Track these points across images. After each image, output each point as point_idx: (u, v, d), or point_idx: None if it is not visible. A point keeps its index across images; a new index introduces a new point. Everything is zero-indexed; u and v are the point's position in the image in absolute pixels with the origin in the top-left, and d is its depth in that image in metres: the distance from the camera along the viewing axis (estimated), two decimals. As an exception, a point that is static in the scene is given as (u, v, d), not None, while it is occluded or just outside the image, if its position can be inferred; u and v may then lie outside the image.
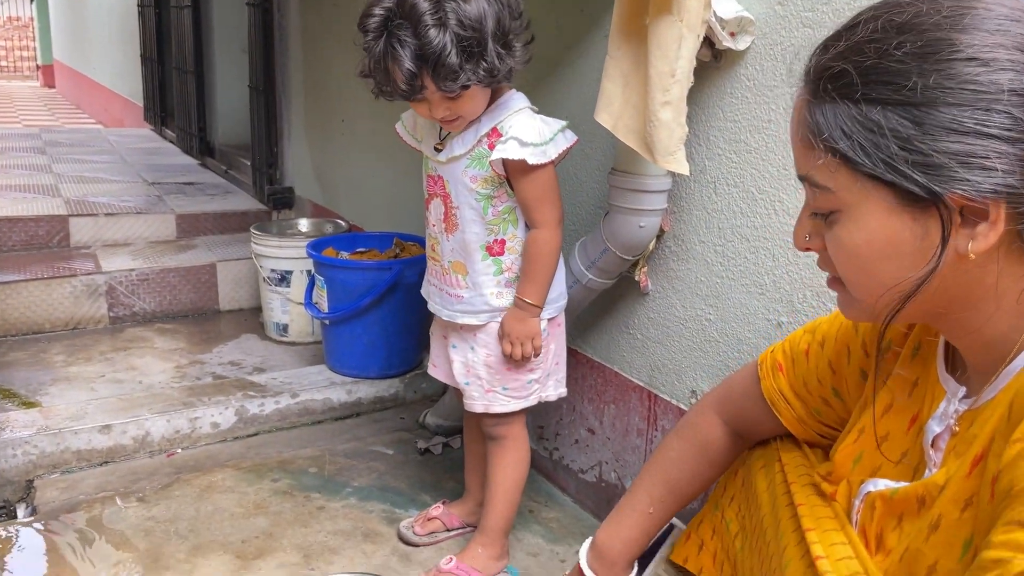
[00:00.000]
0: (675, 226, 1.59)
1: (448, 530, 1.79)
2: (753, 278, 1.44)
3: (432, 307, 1.65)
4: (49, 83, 13.07)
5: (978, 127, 0.64)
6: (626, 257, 1.59)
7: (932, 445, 0.81)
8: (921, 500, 0.79)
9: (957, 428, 0.78)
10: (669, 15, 1.26)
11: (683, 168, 1.35)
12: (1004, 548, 0.62)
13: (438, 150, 1.51)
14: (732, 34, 1.38)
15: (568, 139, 1.46)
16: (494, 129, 1.45)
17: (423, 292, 1.69)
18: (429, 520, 1.79)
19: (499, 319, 1.55)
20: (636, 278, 1.66)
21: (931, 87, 0.65)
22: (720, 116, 1.46)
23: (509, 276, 1.54)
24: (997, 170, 0.64)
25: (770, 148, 1.38)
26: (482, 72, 1.34)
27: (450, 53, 1.30)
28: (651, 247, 1.61)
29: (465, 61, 1.32)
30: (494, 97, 1.47)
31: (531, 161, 1.41)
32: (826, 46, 0.74)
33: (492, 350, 1.57)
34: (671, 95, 1.29)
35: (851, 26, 0.73)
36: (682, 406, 1.63)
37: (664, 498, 1.20)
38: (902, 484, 0.83)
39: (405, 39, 1.30)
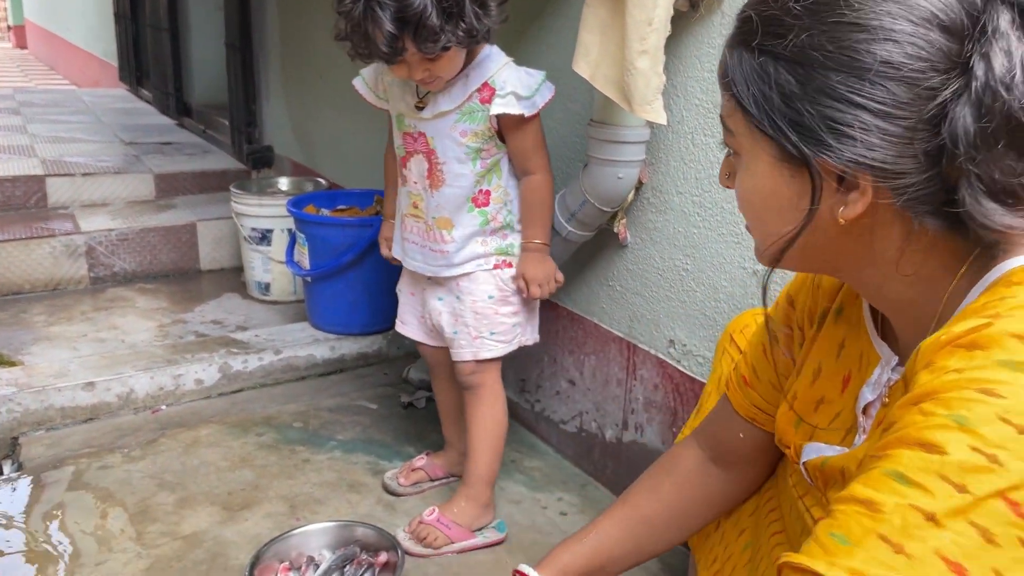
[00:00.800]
0: (653, 177, 1.61)
1: (432, 480, 1.82)
2: (729, 227, 1.46)
3: (412, 265, 1.65)
4: (21, 44, 12.79)
5: (850, 95, 0.63)
6: (605, 209, 1.61)
7: (864, 412, 0.81)
8: (842, 472, 0.78)
9: (887, 399, 0.77)
10: (646, -37, 1.26)
11: (660, 118, 1.36)
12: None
13: (419, 108, 1.51)
14: (709, -17, 1.38)
15: (550, 89, 1.50)
16: (485, 84, 1.46)
17: (395, 253, 1.69)
18: (413, 471, 1.82)
19: (483, 266, 1.58)
20: (615, 230, 1.67)
21: (816, 47, 0.64)
22: (697, 66, 1.47)
23: (494, 225, 1.57)
24: (861, 142, 0.63)
25: (746, 97, 1.39)
26: (461, 33, 1.35)
27: (431, 15, 1.30)
28: (630, 199, 1.63)
29: (445, 22, 1.32)
30: (472, 54, 1.48)
31: (527, 114, 1.46)
32: None
33: (478, 296, 1.59)
34: (648, 44, 1.30)
35: None
36: (660, 355, 1.65)
37: (631, 524, 1.07)
38: (833, 452, 0.83)
39: (385, 2, 1.30)
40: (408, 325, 1.75)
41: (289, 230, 2.65)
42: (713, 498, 1.08)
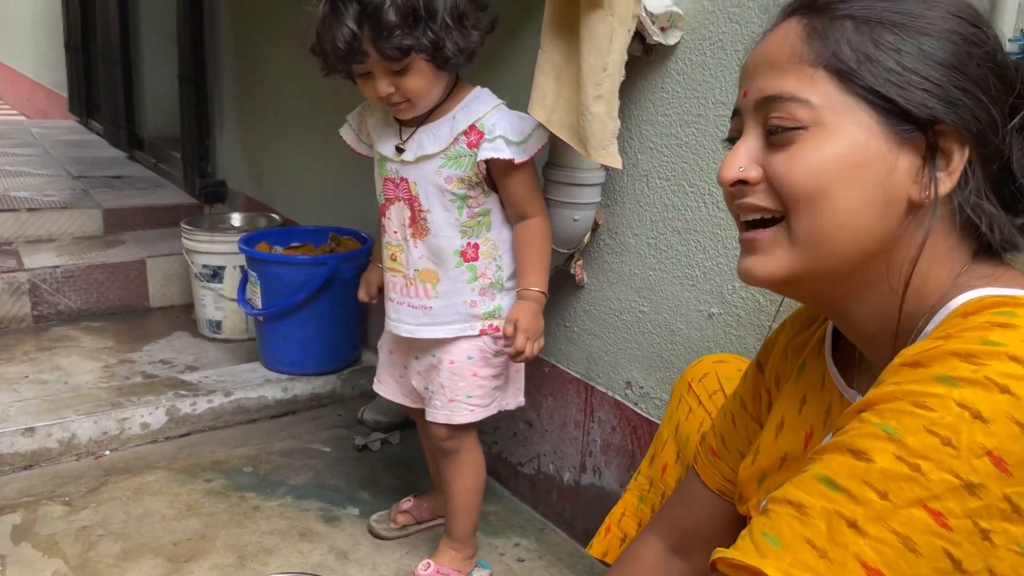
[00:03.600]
0: (609, 220, 1.60)
1: (419, 523, 1.78)
2: (685, 270, 1.46)
3: (389, 325, 1.56)
4: (-33, 72, 12.51)
5: (976, 69, 0.67)
6: (562, 250, 1.60)
7: None
8: None
9: None
10: (600, 9, 1.26)
11: (616, 162, 1.36)
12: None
13: (400, 150, 1.46)
14: (662, 28, 1.39)
15: (543, 138, 1.42)
16: (472, 127, 1.40)
17: (388, 313, 1.58)
18: (400, 514, 1.77)
19: (468, 331, 1.49)
20: (572, 271, 1.66)
21: (937, 19, 0.67)
22: (651, 110, 1.48)
23: (483, 283, 1.48)
24: (973, 116, 0.67)
25: (700, 142, 1.40)
26: (426, 42, 1.30)
27: (388, 10, 1.26)
28: (586, 240, 1.62)
29: (404, 22, 1.27)
30: (460, 93, 1.43)
31: (518, 160, 1.39)
32: None
33: (456, 356, 1.50)
34: (603, 89, 1.30)
35: None
36: (618, 397, 1.64)
37: None
38: None
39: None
40: (385, 384, 1.67)
41: (241, 267, 2.60)
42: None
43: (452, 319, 1.49)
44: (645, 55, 1.44)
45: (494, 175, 1.44)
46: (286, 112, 2.93)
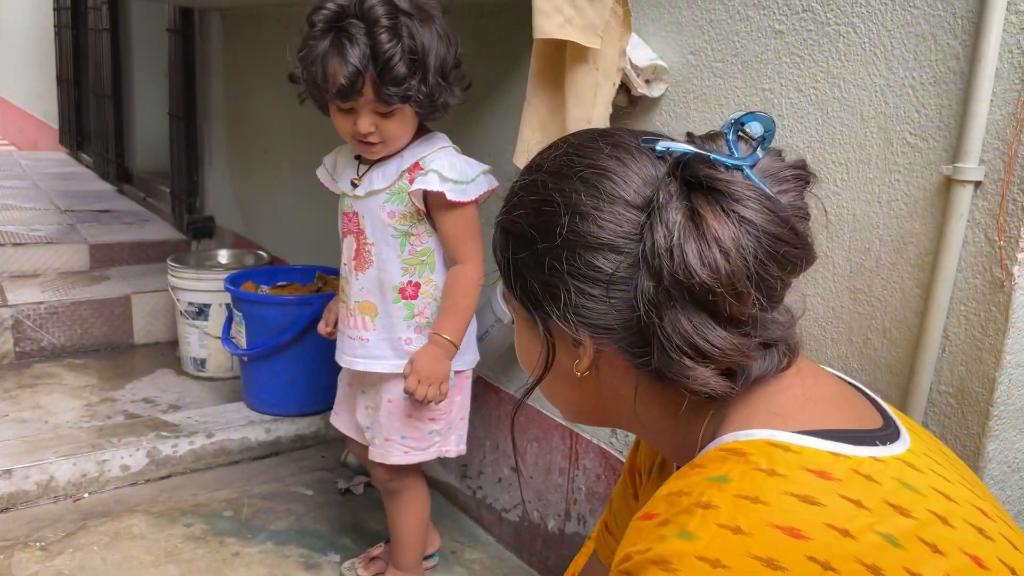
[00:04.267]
0: (594, 267, 1.61)
1: None
2: (669, 319, 1.46)
3: (336, 354, 1.59)
4: (-42, 101, 12.52)
5: (553, 264, 0.70)
6: (546, 297, 1.60)
7: None
8: None
9: None
10: (585, 64, 1.28)
11: (600, 212, 1.37)
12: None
13: (355, 185, 1.49)
14: (647, 81, 1.41)
15: (490, 183, 1.48)
16: (415, 164, 1.45)
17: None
18: (372, 560, 1.76)
19: (400, 370, 1.49)
20: (557, 317, 1.66)
21: (523, 221, 0.73)
22: (637, 160, 1.49)
23: (420, 321, 1.51)
24: (569, 304, 0.70)
25: (684, 193, 1.41)
26: (422, 93, 1.35)
27: (399, 61, 1.31)
28: (571, 287, 1.62)
29: (410, 75, 1.33)
30: (417, 136, 1.47)
31: (450, 196, 1.41)
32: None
33: (393, 394, 1.53)
34: (587, 141, 1.31)
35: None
36: (603, 445, 1.63)
37: None
38: None
39: (356, 36, 1.30)
40: (339, 416, 1.69)
41: (227, 305, 2.59)
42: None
43: (387, 354, 1.52)
44: (630, 106, 1.45)
45: (431, 212, 1.47)
46: (275, 150, 2.94)
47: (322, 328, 1.71)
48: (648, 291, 0.66)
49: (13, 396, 2.56)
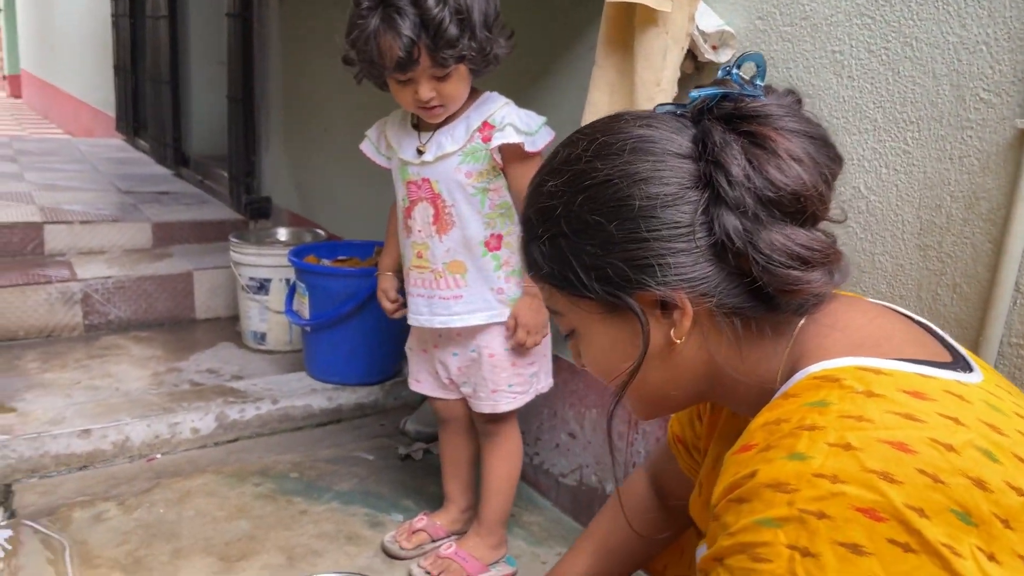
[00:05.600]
0: (657, 233, 1.64)
1: (434, 540, 1.79)
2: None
3: (419, 320, 1.63)
4: (15, 94, 12.89)
5: (633, 234, 0.72)
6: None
7: None
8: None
9: None
10: (655, 26, 1.31)
11: (667, 175, 1.40)
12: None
13: (421, 152, 1.54)
14: (714, 47, 1.43)
15: (550, 133, 1.53)
16: (485, 123, 1.51)
17: (409, 311, 1.66)
18: (414, 533, 1.78)
19: (496, 318, 1.58)
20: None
21: (586, 211, 0.74)
22: (701, 126, 1.51)
23: (507, 270, 1.58)
24: (659, 267, 0.72)
25: (750, 157, 1.43)
26: (474, 50, 1.41)
27: (450, 23, 1.36)
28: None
29: (460, 34, 1.38)
30: (472, 98, 1.53)
31: (527, 148, 1.48)
32: (524, 198, 0.84)
33: (495, 349, 1.59)
34: (656, 103, 1.34)
35: (532, 179, 0.83)
36: (663, 409, 1.66)
37: (596, 555, 1.14)
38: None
39: (404, 8, 1.35)
40: (423, 383, 1.74)
41: (287, 280, 2.66)
42: (663, 526, 1.13)
43: (481, 306, 1.58)
44: (696, 73, 1.48)
45: (506, 164, 1.53)
46: (333, 129, 3.01)
47: (388, 306, 1.76)
48: (732, 225, 0.70)
49: (84, 365, 2.66)
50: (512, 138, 1.47)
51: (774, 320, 0.75)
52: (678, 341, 0.75)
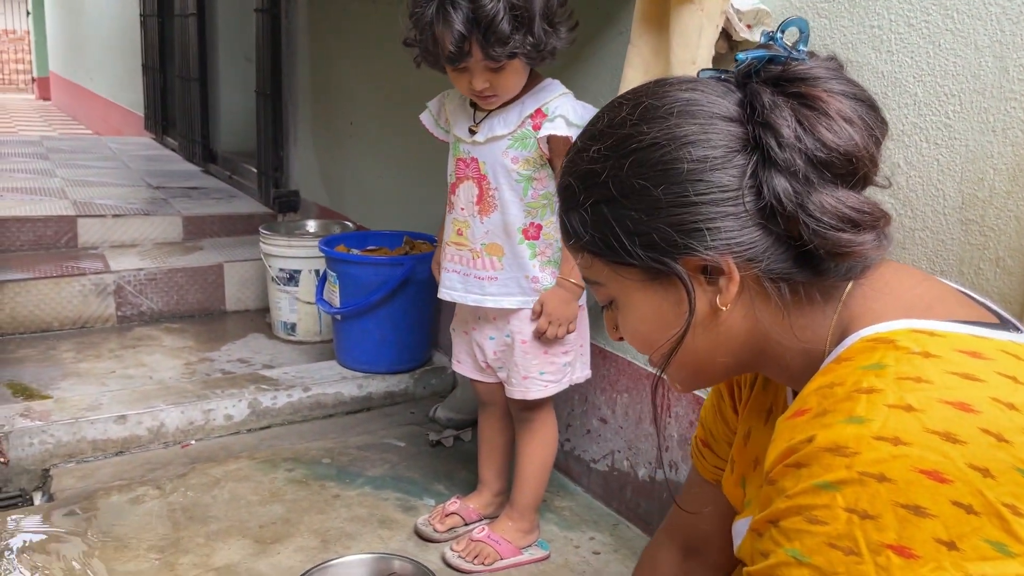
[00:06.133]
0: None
1: (467, 524, 1.79)
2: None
3: (452, 296, 1.65)
4: (44, 95, 13.08)
5: (680, 198, 0.70)
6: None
7: None
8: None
9: None
10: (691, 4, 1.30)
11: (702, 154, 1.39)
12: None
13: (473, 132, 1.55)
14: (749, 26, 1.42)
15: None
16: (538, 111, 1.51)
17: (441, 285, 1.68)
18: (447, 516, 1.78)
19: (530, 304, 1.59)
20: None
21: (631, 176, 0.72)
22: (736, 106, 1.51)
23: (543, 260, 1.58)
24: (707, 231, 0.70)
25: (785, 136, 1.42)
26: (528, 45, 1.40)
27: (502, 20, 1.35)
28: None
29: (514, 31, 1.37)
30: (532, 83, 1.53)
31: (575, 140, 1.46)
32: (562, 165, 0.82)
33: (527, 335, 1.60)
34: (692, 81, 1.33)
35: (572, 145, 0.81)
36: (695, 391, 1.66)
37: None
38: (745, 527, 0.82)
39: (459, 2, 1.35)
40: (463, 364, 1.75)
41: (317, 271, 2.68)
42: None
43: (515, 291, 1.59)
44: (731, 52, 1.47)
45: (552, 156, 1.52)
46: (361, 122, 3.03)
47: (438, 276, 1.78)
48: (783, 187, 0.69)
49: (118, 355, 2.70)
50: (561, 130, 1.47)
51: (822, 285, 0.73)
52: (724, 308, 0.73)
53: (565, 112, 1.48)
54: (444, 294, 1.67)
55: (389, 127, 2.79)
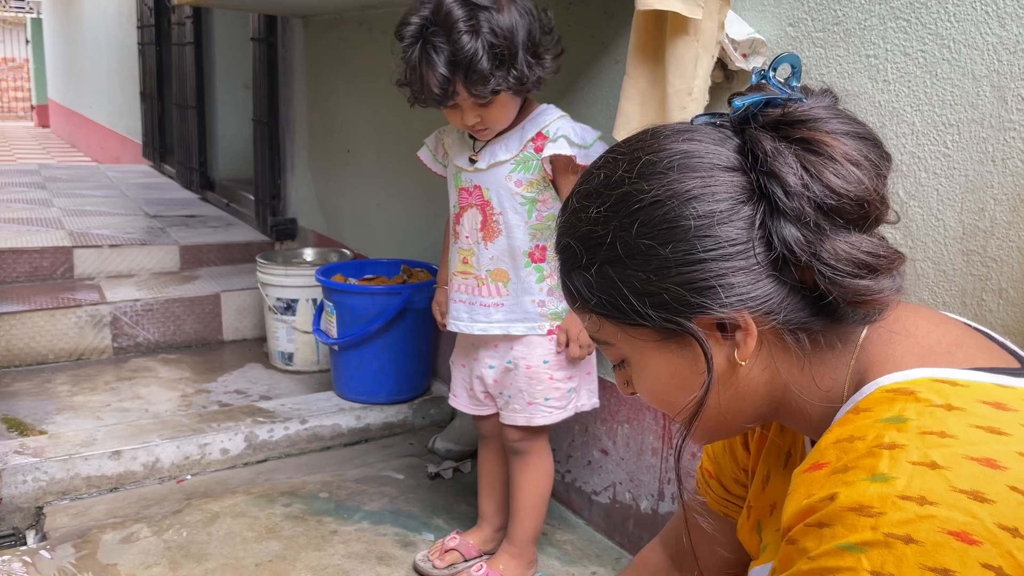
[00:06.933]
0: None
1: (466, 560, 1.77)
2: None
3: (459, 327, 1.63)
4: (43, 123, 13.14)
5: (689, 256, 0.68)
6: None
7: None
8: None
9: None
10: (686, 35, 1.30)
11: (699, 185, 1.38)
12: None
13: (473, 161, 1.56)
14: (744, 55, 1.42)
15: (605, 147, 1.50)
16: (539, 133, 1.52)
17: (449, 316, 1.68)
18: (447, 552, 1.76)
19: (536, 331, 1.58)
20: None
21: (636, 236, 0.69)
22: (732, 135, 1.50)
23: (551, 283, 1.57)
24: (721, 287, 0.67)
25: (783, 165, 1.41)
26: (512, 79, 1.41)
27: (481, 59, 1.36)
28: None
29: (496, 68, 1.39)
30: (528, 109, 1.54)
31: (579, 160, 1.48)
32: (558, 225, 0.79)
33: (532, 361, 1.59)
34: (688, 112, 1.33)
35: (565, 203, 0.78)
36: (697, 423, 1.63)
37: None
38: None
39: (440, 45, 1.37)
40: (459, 398, 1.74)
41: (314, 300, 2.67)
42: None
43: (521, 317, 1.58)
44: (727, 82, 1.46)
45: (556, 176, 1.53)
46: (358, 150, 3.02)
47: (441, 320, 1.78)
48: (793, 236, 0.66)
49: (114, 388, 2.67)
50: (564, 150, 1.48)
51: (839, 331, 0.71)
52: (743, 364, 0.71)
53: (567, 132, 1.50)
54: (452, 325, 1.66)
55: (386, 155, 2.79)
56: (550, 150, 1.49)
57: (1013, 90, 1.08)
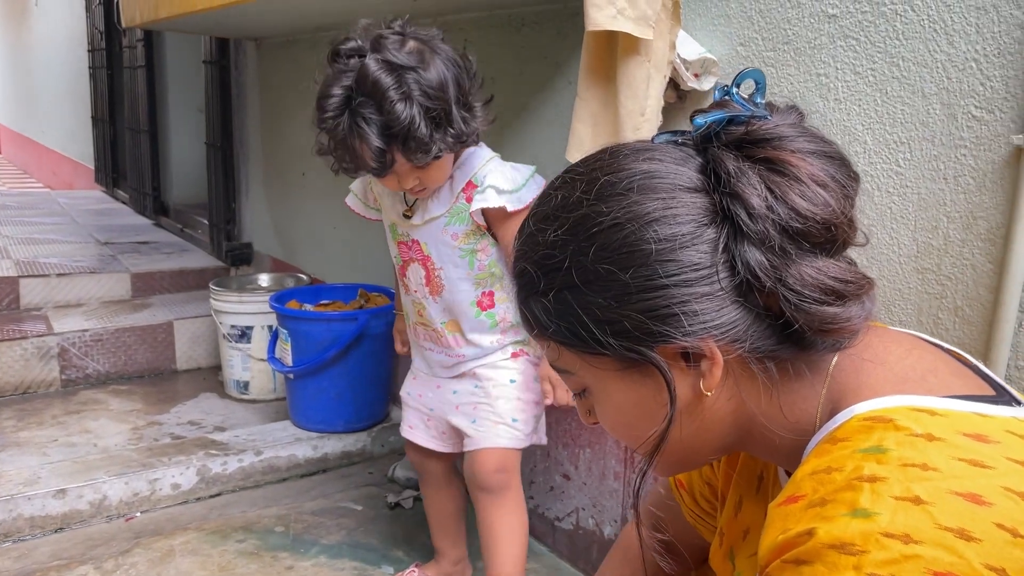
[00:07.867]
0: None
1: None
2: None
3: (431, 374, 1.60)
4: (-6, 148, 12.83)
5: (649, 282, 0.65)
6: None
7: None
8: None
9: None
10: (637, 55, 1.28)
11: (654, 206, 1.36)
12: None
13: (407, 216, 1.49)
14: (696, 75, 1.41)
15: (538, 183, 1.47)
16: (468, 183, 1.44)
17: (415, 362, 1.64)
18: None
19: (501, 356, 1.54)
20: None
21: (594, 260, 0.66)
22: (687, 155, 1.48)
23: (504, 325, 1.53)
24: (683, 315, 0.64)
25: (738, 185, 1.40)
26: (450, 139, 1.32)
27: (419, 126, 1.27)
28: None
29: (434, 131, 1.29)
30: (456, 155, 1.45)
31: (510, 208, 1.41)
32: (514, 248, 0.76)
33: (500, 380, 1.53)
34: (641, 133, 1.31)
35: (522, 226, 0.75)
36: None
37: None
38: None
39: (370, 116, 1.26)
40: (416, 430, 1.67)
41: (270, 327, 2.60)
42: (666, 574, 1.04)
43: (487, 351, 1.54)
44: (679, 101, 1.45)
45: (491, 225, 1.46)
46: (313, 173, 2.97)
47: (401, 349, 1.75)
48: (758, 261, 0.64)
49: (61, 422, 2.58)
50: (493, 202, 1.40)
51: (808, 359, 0.68)
52: (708, 394, 0.68)
53: (495, 181, 1.42)
54: (430, 373, 1.61)
55: (342, 178, 2.73)
56: (478, 203, 1.41)
57: (963, 107, 1.08)
